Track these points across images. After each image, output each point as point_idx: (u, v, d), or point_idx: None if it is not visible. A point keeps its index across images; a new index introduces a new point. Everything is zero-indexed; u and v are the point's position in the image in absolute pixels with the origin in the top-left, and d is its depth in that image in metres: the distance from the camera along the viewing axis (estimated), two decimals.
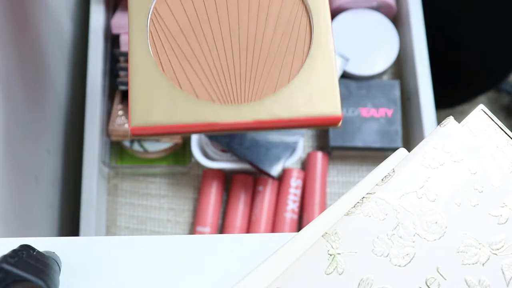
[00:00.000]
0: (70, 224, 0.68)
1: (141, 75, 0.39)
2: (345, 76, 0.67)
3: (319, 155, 0.67)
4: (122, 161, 0.70)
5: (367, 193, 0.33)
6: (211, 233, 0.65)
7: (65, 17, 0.70)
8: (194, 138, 0.63)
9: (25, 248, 0.35)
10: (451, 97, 0.89)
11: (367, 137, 0.65)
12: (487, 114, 0.36)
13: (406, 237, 0.32)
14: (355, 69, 0.67)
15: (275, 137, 0.60)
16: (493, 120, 0.36)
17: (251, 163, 0.60)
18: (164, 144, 0.68)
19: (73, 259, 0.38)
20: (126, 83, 0.66)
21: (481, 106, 0.36)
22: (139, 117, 0.38)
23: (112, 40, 0.70)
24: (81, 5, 0.75)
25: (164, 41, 0.40)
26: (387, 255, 0.32)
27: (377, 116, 0.66)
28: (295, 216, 0.66)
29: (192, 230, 0.67)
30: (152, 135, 0.39)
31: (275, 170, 0.59)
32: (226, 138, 0.59)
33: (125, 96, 0.69)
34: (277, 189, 0.67)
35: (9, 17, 0.52)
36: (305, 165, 0.69)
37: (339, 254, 0.32)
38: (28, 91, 0.57)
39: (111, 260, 0.38)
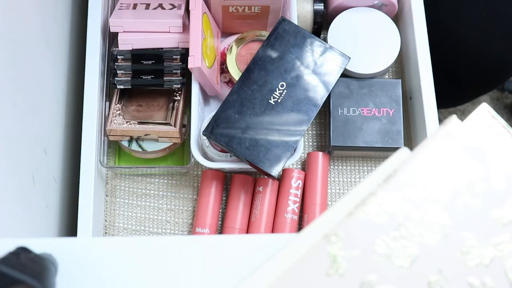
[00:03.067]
0: (67, 225, 0.68)
1: None
2: (346, 75, 0.67)
3: (320, 155, 0.67)
4: (120, 161, 0.70)
5: (368, 194, 0.33)
6: (210, 234, 0.65)
7: (63, 16, 0.69)
8: (194, 138, 0.63)
9: (22, 250, 0.35)
10: (453, 96, 0.89)
11: (368, 137, 0.65)
12: (490, 114, 0.36)
13: (408, 238, 0.32)
14: (356, 68, 0.66)
15: (275, 137, 0.59)
16: (496, 120, 0.35)
17: (251, 163, 0.59)
18: (162, 144, 0.67)
19: (70, 260, 0.37)
20: (123, 82, 0.66)
21: (484, 105, 0.36)
22: None
23: (110, 39, 0.70)
24: (78, 3, 0.74)
25: None
26: (389, 256, 0.32)
27: (378, 115, 0.65)
28: (296, 217, 0.65)
29: (192, 231, 0.67)
30: None
31: (276, 170, 0.59)
32: (225, 138, 0.59)
33: (122, 95, 0.69)
34: (277, 190, 0.67)
35: (6, 17, 0.51)
36: (306, 165, 0.68)
37: (340, 255, 0.32)
38: (25, 91, 0.56)
39: (109, 261, 0.38)
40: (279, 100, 0.60)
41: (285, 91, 0.60)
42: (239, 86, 0.61)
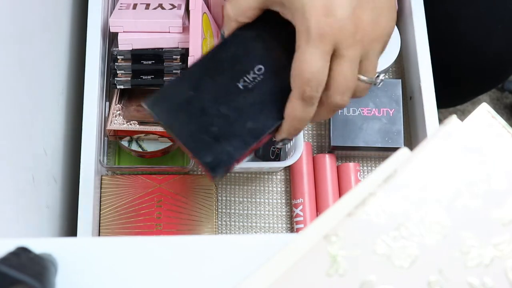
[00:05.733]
0: (67, 225, 0.68)
1: None
2: None
3: (327, 157, 0.67)
4: (120, 161, 0.70)
5: (368, 194, 0.33)
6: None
7: (63, 16, 0.69)
8: None
9: (22, 250, 0.35)
10: (453, 96, 0.89)
11: (368, 137, 0.65)
12: (490, 113, 0.36)
13: (408, 238, 0.32)
14: None
15: (230, 129, 0.44)
16: (496, 120, 0.35)
17: (191, 155, 0.45)
18: (162, 144, 0.67)
19: (70, 260, 0.37)
20: (123, 82, 0.66)
21: (484, 105, 0.36)
22: None
23: (110, 39, 0.70)
24: (78, 3, 0.74)
25: None
26: (389, 256, 0.32)
27: (378, 115, 0.65)
28: None
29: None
30: None
31: (220, 171, 0.43)
32: (166, 116, 0.45)
33: (123, 95, 0.69)
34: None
35: (6, 17, 0.51)
36: (314, 167, 0.68)
37: (340, 255, 0.32)
38: (25, 90, 0.56)
39: (109, 261, 0.38)
40: (249, 86, 0.45)
41: (261, 77, 0.45)
42: (205, 59, 0.46)
